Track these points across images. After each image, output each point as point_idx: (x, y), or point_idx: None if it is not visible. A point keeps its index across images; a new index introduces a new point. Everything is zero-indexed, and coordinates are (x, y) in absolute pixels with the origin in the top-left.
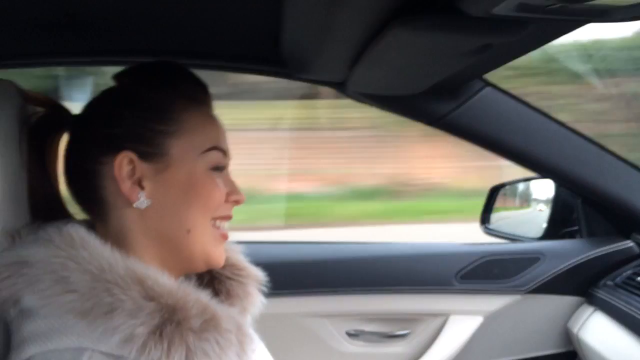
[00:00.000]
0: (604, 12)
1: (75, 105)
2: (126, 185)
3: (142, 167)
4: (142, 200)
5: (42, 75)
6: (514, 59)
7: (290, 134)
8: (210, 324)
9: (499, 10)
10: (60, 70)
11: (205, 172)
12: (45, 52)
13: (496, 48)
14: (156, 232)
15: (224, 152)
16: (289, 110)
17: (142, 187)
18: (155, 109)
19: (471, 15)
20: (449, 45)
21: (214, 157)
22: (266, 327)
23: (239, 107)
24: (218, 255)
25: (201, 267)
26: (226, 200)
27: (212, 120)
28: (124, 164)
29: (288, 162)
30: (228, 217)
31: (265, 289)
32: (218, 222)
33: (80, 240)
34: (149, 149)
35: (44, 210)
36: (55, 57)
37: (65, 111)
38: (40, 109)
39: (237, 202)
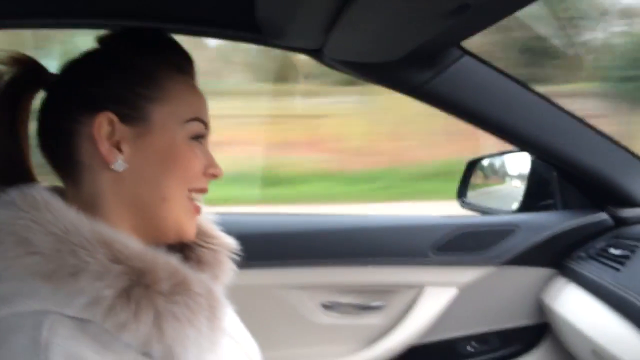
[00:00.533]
0: None
1: None
2: (104, 146)
3: (122, 129)
4: (119, 163)
5: (10, 43)
6: (491, 23)
7: None
8: (180, 287)
9: None
10: (29, 41)
11: (185, 141)
12: (21, 14)
13: (473, 11)
14: (130, 197)
15: (205, 124)
16: None
17: (120, 150)
18: (139, 73)
19: None
20: (425, 6)
21: (196, 127)
22: (241, 299)
23: None
24: (190, 228)
25: (172, 238)
26: (204, 173)
27: (196, 91)
28: (103, 124)
29: None
30: (203, 190)
31: (237, 257)
32: (193, 194)
33: (44, 202)
34: (131, 112)
35: (8, 172)
36: (31, 18)
37: (42, 69)
38: (13, 68)
39: (214, 176)
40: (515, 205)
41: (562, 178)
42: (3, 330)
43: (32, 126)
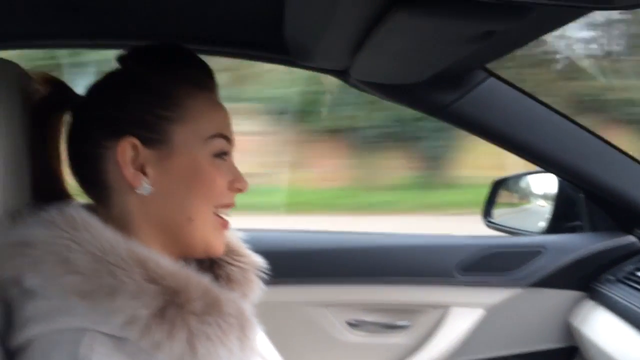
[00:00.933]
0: None
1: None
2: (129, 171)
3: (145, 153)
4: (144, 187)
5: (46, 64)
6: (516, 48)
7: None
8: (212, 307)
9: None
10: (63, 59)
11: (208, 159)
12: (49, 34)
13: (498, 36)
14: (157, 218)
15: (228, 139)
16: None
17: (144, 174)
18: (159, 94)
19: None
20: (451, 31)
21: (218, 144)
22: (267, 316)
23: None
24: (218, 244)
25: (201, 255)
26: (229, 188)
27: (217, 106)
28: (127, 149)
29: None
30: (230, 205)
31: (265, 276)
32: (220, 210)
33: (82, 221)
34: (152, 135)
35: (45, 190)
36: (58, 39)
37: (69, 90)
38: (43, 88)
39: (240, 190)
40: (541, 226)
41: (590, 200)
42: (43, 347)
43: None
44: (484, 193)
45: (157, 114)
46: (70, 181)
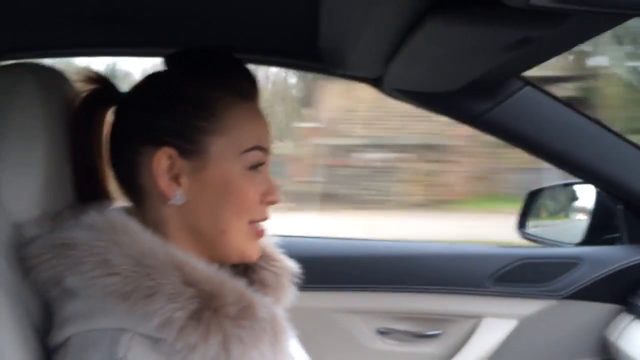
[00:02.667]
0: None
1: None
2: (163, 181)
3: (181, 163)
4: (178, 197)
5: None
6: (553, 56)
7: None
8: (246, 311)
9: (538, 0)
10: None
11: (242, 172)
12: (90, 43)
13: (535, 44)
14: (191, 226)
15: (265, 150)
16: None
17: (179, 184)
18: (199, 104)
19: (509, 6)
20: (487, 39)
21: (254, 156)
22: (297, 321)
23: None
24: (252, 251)
25: (235, 261)
26: (261, 201)
27: (257, 117)
28: (163, 159)
29: None
30: (264, 219)
31: (298, 281)
32: (257, 223)
33: (122, 225)
34: (189, 145)
35: (86, 189)
36: (98, 47)
37: (113, 87)
38: (87, 85)
39: (272, 203)
40: (578, 238)
41: (628, 211)
42: (82, 346)
43: None
44: None
45: (196, 124)
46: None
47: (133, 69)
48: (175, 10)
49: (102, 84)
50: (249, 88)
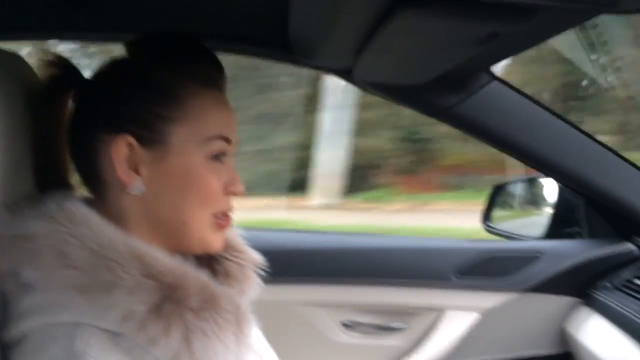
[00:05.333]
0: (613, 2)
1: None
2: (122, 170)
3: (141, 152)
4: (136, 187)
5: None
6: (520, 51)
7: None
8: (209, 303)
9: None
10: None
11: (203, 162)
12: (51, 27)
13: (503, 39)
14: (152, 217)
15: (229, 140)
16: None
17: (138, 173)
18: (161, 91)
19: (478, 1)
20: (456, 33)
21: (216, 146)
22: (262, 314)
23: None
24: (215, 242)
25: (198, 252)
26: (224, 192)
27: (221, 105)
28: (122, 147)
29: None
30: (227, 210)
31: (263, 273)
32: (219, 214)
33: (82, 216)
34: (149, 134)
35: (46, 178)
36: (59, 31)
37: (76, 72)
38: (49, 69)
39: (235, 194)
40: (540, 232)
41: (589, 206)
42: (38, 340)
43: None
44: None
45: (157, 112)
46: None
47: None
48: None
49: (64, 68)
50: (213, 75)
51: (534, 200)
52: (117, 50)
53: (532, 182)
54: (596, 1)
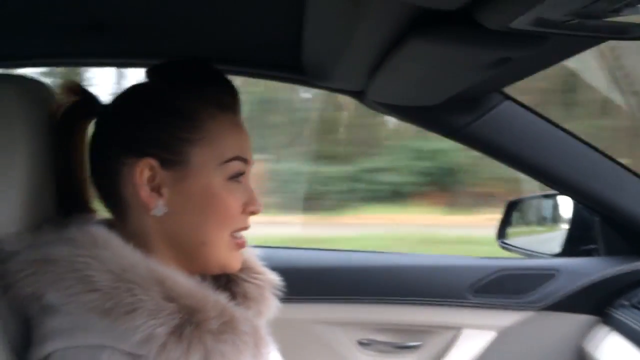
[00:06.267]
0: (623, 29)
1: None
2: (145, 192)
3: (163, 174)
4: (159, 208)
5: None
6: (533, 73)
7: None
8: (228, 325)
9: (517, 24)
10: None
11: (222, 182)
12: (75, 53)
13: (515, 62)
14: (172, 238)
15: (246, 161)
16: None
17: (160, 194)
18: (180, 115)
19: (489, 28)
20: (467, 58)
21: (235, 167)
22: (278, 333)
23: None
24: (234, 262)
25: (216, 272)
26: (242, 211)
27: (238, 128)
28: (144, 169)
29: None
30: (245, 229)
31: (280, 293)
32: (238, 233)
33: (103, 240)
34: (171, 156)
35: (68, 201)
36: (84, 57)
37: (95, 99)
38: (69, 97)
39: (253, 213)
40: (556, 249)
41: (605, 223)
42: None
43: None
44: None
45: (177, 135)
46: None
47: None
48: (161, 21)
49: (83, 95)
50: (229, 100)
51: (549, 217)
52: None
53: (547, 199)
54: (607, 30)
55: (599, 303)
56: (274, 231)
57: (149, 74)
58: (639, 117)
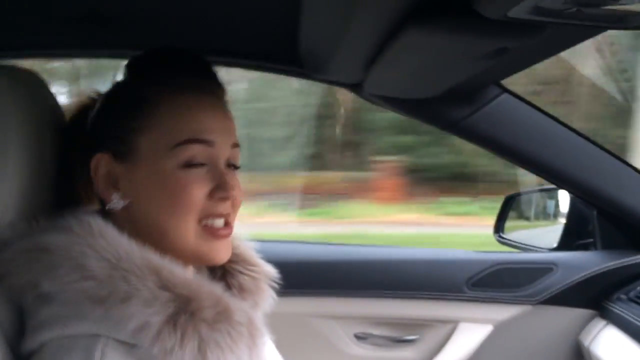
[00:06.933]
0: (621, 18)
1: None
2: (100, 187)
3: (117, 167)
4: (115, 202)
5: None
6: (530, 65)
7: None
8: (222, 315)
9: (515, 13)
10: (83, 69)
11: (176, 168)
12: (69, 44)
13: (513, 53)
14: (141, 230)
15: (207, 143)
16: None
17: (117, 188)
18: (132, 104)
19: (487, 17)
20: (465, 48)
21: (190, 151)
22: (275, 327)
23: None
24: (213, 252)
25: (198, 263)
26: (210, 198)
27: (198, 109)
28: (100, 165)
29: None
30: (220, 215)
31: (276, 285)
32: (207, 221)
33: (98, 229)
34: (122, 147)
35: (66, 192)
36: (77, 48)
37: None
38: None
39: (223, 199)
40: (553, 243)
41: (602, 217)
42: (56, 351)
43: None
44: None
45: (126, 125)
46: None
47: None
48: (157, 13)
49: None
50: (192, 80)
51: (547, 211)
52: None
53: (544, 193)
54: (605, 18)
55: (596, 297)
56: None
57: (124, 69)
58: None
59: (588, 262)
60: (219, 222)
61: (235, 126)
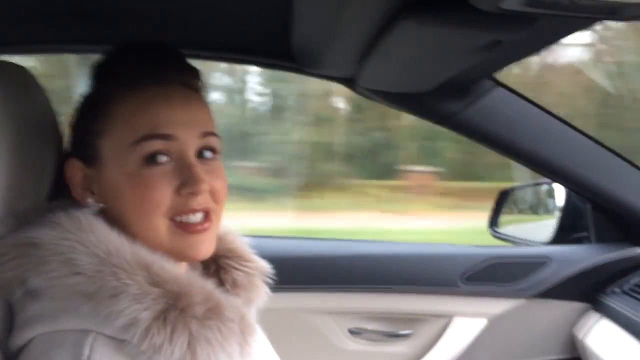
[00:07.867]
0: (614, 9)
1: None
2: (77, 192)
3: (87, 172)
4: (92, 205)
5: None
6: (523, 57)
7: None
8: (213, 312)
9: (508, 4)
10: (73, 68)
11: (138, 168)
12: (59, 40)
13: (506, 46)
14: (123, 230)
15: (168, 137)
16: None
17: (92, 192)
18: (92, 108)
19: (480, 9)
20: (458, 40)
21: (149, 147)
22: (269, 322)
23: None
24: (189, 249)
25: (180, 260)
26: (178, 194)
27: (154, 102)
28: (73, 172)
29: None
30: (190, 211)
31: (270, 281)
32: (182, 217)
33: (88, 224)
34: (88, 152)
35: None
36: (61, 44)
37: None
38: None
39: (191, 195)
40: (547, 237)
41: (596, 211)
42: (45, 347)
43: None
44: None
45: (90, 129)
46: None
47: None
48: (147, 7)
49: None
50: (154, 73)
51: (541, 205)
52: None
53: (539, 187)
54: (598, 10)
55: (590, 290)
56: None
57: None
58: None
59: (582, 255)
60: (195, 218)
61: (210, 114)
